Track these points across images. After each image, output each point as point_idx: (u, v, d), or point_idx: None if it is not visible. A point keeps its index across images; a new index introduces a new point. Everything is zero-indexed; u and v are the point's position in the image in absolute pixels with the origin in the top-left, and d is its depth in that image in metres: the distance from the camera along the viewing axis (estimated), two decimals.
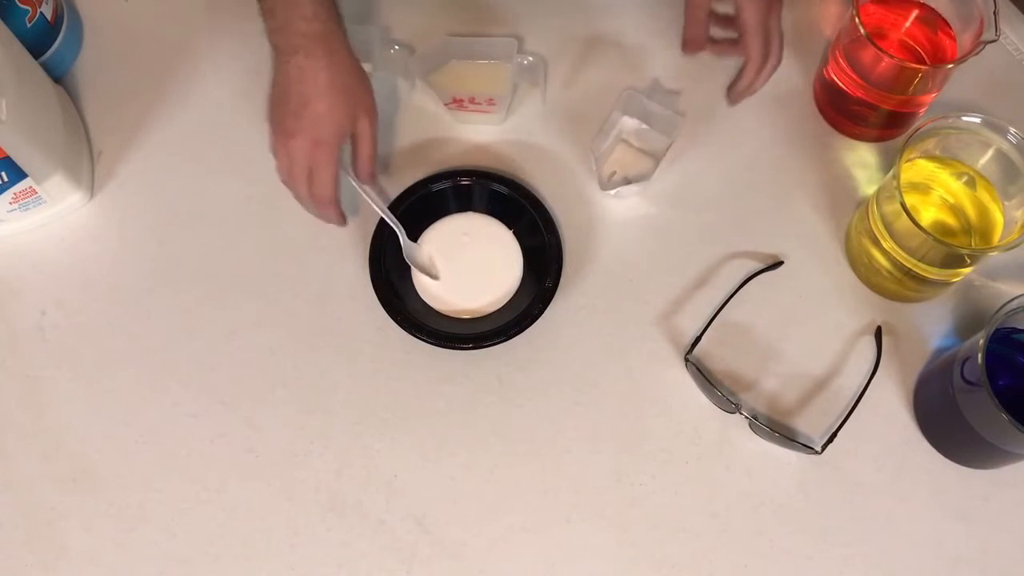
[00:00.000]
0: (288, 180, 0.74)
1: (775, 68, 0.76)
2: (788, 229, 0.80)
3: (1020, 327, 0.67)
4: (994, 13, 0.70)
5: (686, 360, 0.74)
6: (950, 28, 0.76)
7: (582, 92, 0.85)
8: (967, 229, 0.73)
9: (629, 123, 0.80)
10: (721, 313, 0.77)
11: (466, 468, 0.74)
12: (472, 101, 0.81)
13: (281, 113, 0.72)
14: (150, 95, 0.86)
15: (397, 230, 0.77)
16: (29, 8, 0.81)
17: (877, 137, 0.82)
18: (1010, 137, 0.69)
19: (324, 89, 0.71)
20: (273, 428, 0.75)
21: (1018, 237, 0.66)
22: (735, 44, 0.76)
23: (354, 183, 0.77)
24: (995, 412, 0.61)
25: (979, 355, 0.62)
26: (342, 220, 0.77)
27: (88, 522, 0.73)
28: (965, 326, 0.76)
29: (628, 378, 0.76)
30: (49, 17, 0.83)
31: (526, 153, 0.83)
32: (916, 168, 0.73)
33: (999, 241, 0.71)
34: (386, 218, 0.77)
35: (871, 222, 0.73)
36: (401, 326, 0.74)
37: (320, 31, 0.70)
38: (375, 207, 0.77)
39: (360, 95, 0.74)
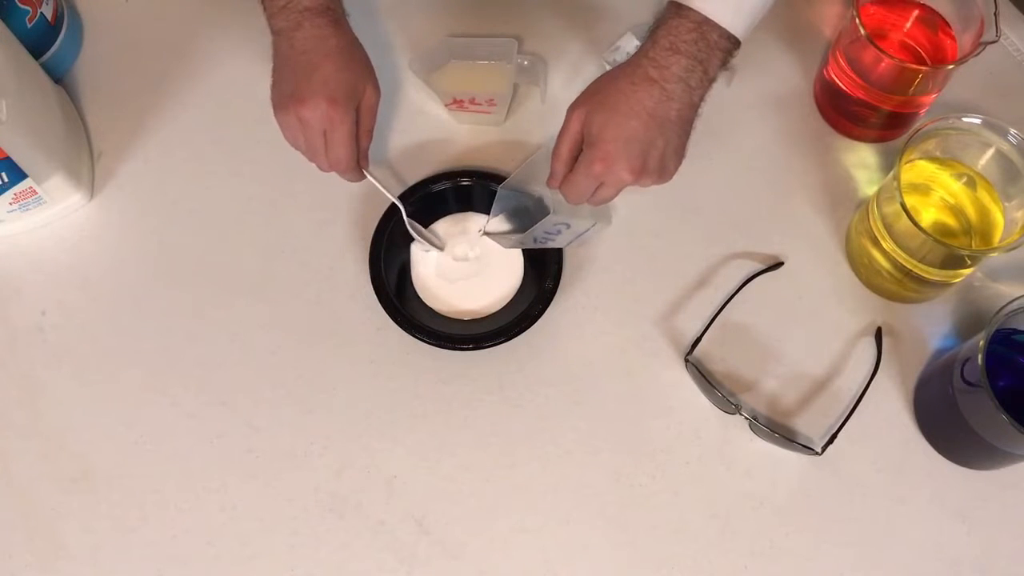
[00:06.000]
0: (304, 148, 0.72)
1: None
2: (788, 230, 0.80)
3: (1020, 328, 0.67)
4: (994, 14, 0.69)
5: (686, 361, 0.74)
6: (950, 29, 0.76)
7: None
8: (967, 230, 0.73)
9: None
10: (721, 314, 0.76)
11: (466, 468, 0.74)
12: (472, 101, 0.81)
13: (290, 83, 0.70)
14: (150, 95, 0.86)
15: (398, 205, 0.76)
16: (29, 8, 0.81)
17: (877, 138, 0.82)
18: (1010, 138, 0.69)
19: (334, 52, 0.70)
20: (273, 428, 0.75)
21: (1018, 238, 0.66)
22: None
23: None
24: (995, 413, 0.61)
25: (979, 356, 0.62)
26: (359, 177, 0.75)
27: (88, 522, 0.73)
28: (965, 327, 0.76)
29: (628, 378, 0.76)
30: (49, 17, 0.83)
31: (526, 153, 0.83)
32: (916, 169, 0.73)
33: (999, 242, 0.71)
34: (385, 193, 0.76)
35: (871, 223, 0.73)
36: (401, 326, 0.74)
37: (323, 4, 0.71)
38: (371, 178, 0.76)
39: (366, 65, 0.73)
